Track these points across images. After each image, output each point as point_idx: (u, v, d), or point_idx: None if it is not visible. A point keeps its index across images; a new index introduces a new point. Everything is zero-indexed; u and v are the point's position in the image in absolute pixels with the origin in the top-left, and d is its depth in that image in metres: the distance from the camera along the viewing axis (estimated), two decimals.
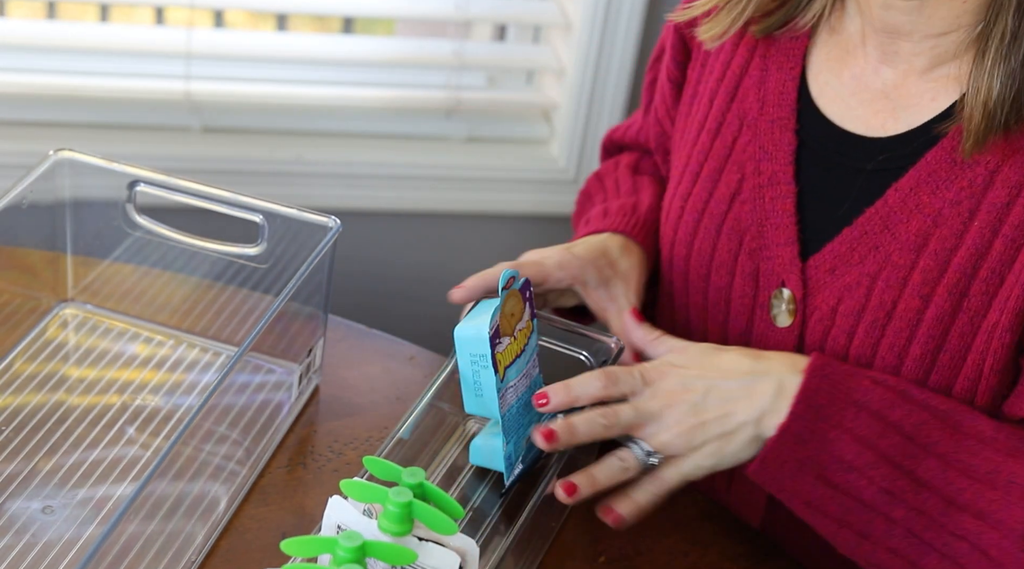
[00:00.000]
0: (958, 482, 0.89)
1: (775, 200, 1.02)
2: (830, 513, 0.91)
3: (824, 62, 1.02)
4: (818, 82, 1.02)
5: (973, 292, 0.93)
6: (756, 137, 1.04)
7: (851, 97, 1.00)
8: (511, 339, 0.93)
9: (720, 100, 1.07)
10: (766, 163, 1.03)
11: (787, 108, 1.02)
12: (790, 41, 1.03)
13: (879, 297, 0.96)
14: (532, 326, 0.96)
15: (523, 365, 0.95)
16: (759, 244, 1.03)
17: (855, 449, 0.89)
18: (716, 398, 0.92)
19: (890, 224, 0.96)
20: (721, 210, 1.05)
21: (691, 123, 1.10)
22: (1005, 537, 0.87)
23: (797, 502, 0.92)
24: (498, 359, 0.91)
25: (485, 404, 0.92)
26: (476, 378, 0.92)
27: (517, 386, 0.94)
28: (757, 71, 1.05)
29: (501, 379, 0.91)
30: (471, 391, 0.93)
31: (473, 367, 0.91)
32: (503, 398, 0.92)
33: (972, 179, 0.93)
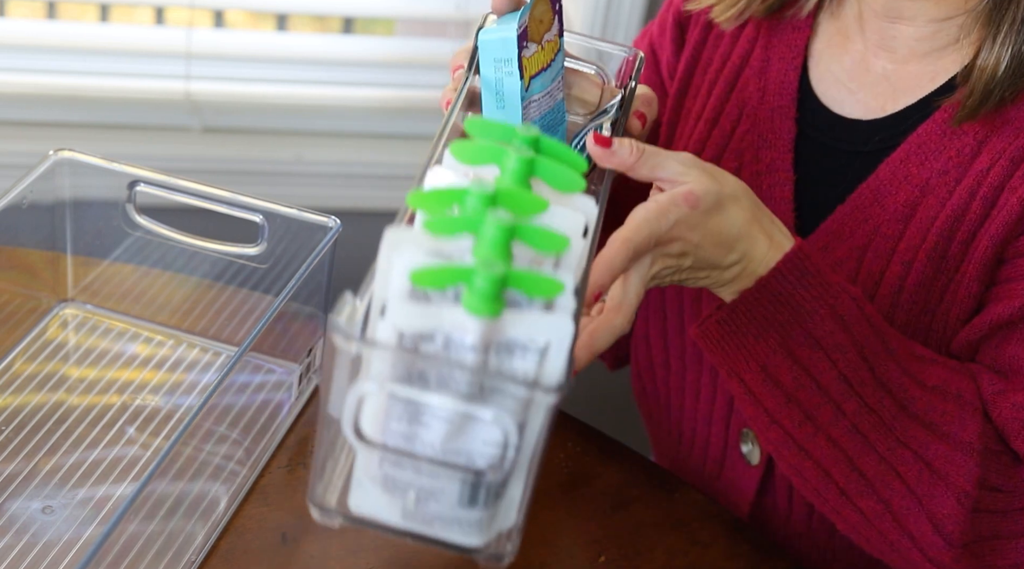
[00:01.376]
0: (912, 390, 0.89)
1: (773, 187, 1.02)
2: (782, 384, 0.89)
3: (825, 49, 1.03)
4: (819, 69, 1.03)
5: (951, 254, 0.94)
6: (755, 126, 1.04)
7: (851, 82, 1.01)
8: (539, 47, 0.87)
9: (719, 90, 1.07)
10: (765, 151, 1.03)
11: (787, 97, 1.03)
12: (792, 31, 1.04)
13: (868, 268, 0.97)
14: (559, 44, 0.90)
15: (548, 82, 0.89)
16: None
17: (830, 326, 0.87)
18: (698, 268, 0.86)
19: (880, 197, 0.97)
20: None
21: (684, 115, 1.10)
22: (956, 449, 0.88)
23: (752, 364, 0.89)
24: (524, 64, 0.85)
25: (507, 115, 0.86)
26: (499, 86, 0.85)
27: (541, 103, 0.89)
28: (759, 62, 1.05)
29: (526, 88, 0.86)
30: (492, 100, 0.86)
31: (497, 73, 0.85)
32: (526, 110, 0.87)
33: (960, 149, 0.94)
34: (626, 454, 1.07)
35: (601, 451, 1.06)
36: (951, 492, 0.88)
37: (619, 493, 1.03)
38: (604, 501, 1.01)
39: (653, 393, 1.17)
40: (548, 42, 0.88)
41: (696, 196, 0.83)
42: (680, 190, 0.83)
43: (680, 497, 1.03)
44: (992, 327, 0.92)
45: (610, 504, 1.01)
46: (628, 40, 1.64)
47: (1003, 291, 0.92)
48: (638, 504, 1.02)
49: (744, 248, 0.85)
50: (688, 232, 0.83)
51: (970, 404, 0.89)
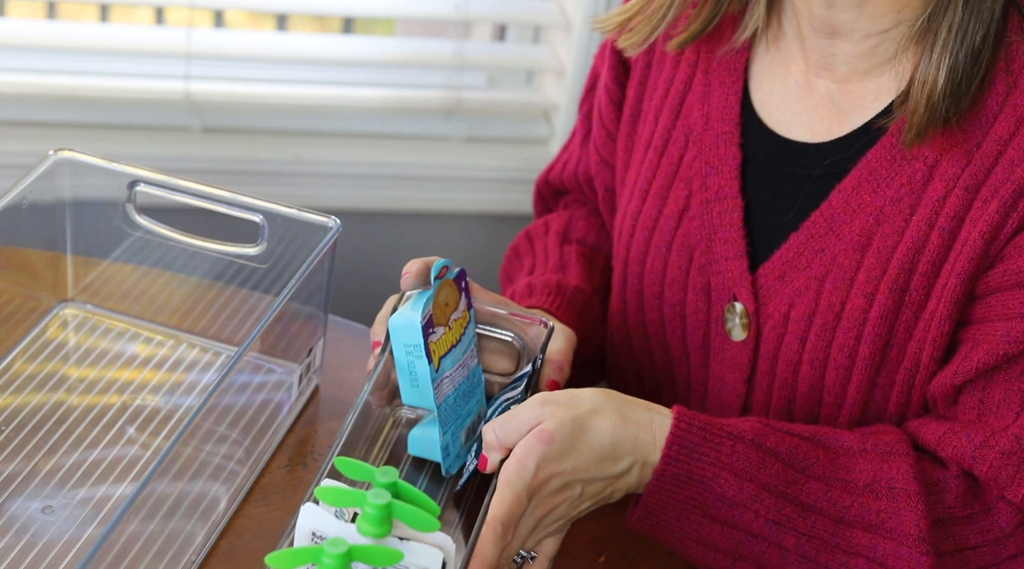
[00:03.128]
0: (842, 500, 0.88)
1: (722, 214, 1.02)
2: (722, 548, 0.90)
3: (767, 71, 1.02)
4: (762, 92, 1.02)
5: (913, 286, 0.93)
6: (702, 152, 1.03)
7: (795, 104, 1.00)
8: (446, 329, 0.93)
9: (665, 117, 1.06)
10: (712, 178, 1.02)
11: (731, 122, 1.02)
12: (730, 55, 1.03)
13: (827, 299, 0.96)
14: (469, 316, 0.95)
15: (459, 355, 0.94)
16: (708, 259, 1.02)
17: (736, 484, 0.87)
18: (591, 493, 0.87)
19: (835, 225, 0.96)
20: (671, 226, 1.05)
21: (637, 141, 1.10)
22: (901, 544, 0.87)
23: (688, 542, 0.90)
24: (432, 349, 0.91)
25: (421, 394, 0.92)
26: (411, 368, 0.92)
27: (453, 376, 0.94)
28: (700, 87, 1.04)
29: (436, 369, 0.91)
30: (407, 381, 0.93)
31: (408, 357, 0.91)
32: (438, 388, 0.92)
33: (912, 175, 0.93)
34: None
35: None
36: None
37: None
38: None
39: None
40: (456, 320, 0.94)
41: (549, 432, 0.84)
42: (532, 434, 0.85)
43: None
44: (976, 373, 0.90)
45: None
46: None
47: (980, 333, 0.91)
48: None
49: (627, 449, 0.86)
50: (557, 466, 0.84)
51: (903, 492, 0.88)
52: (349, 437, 0.91)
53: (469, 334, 0.96)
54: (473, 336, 0.96)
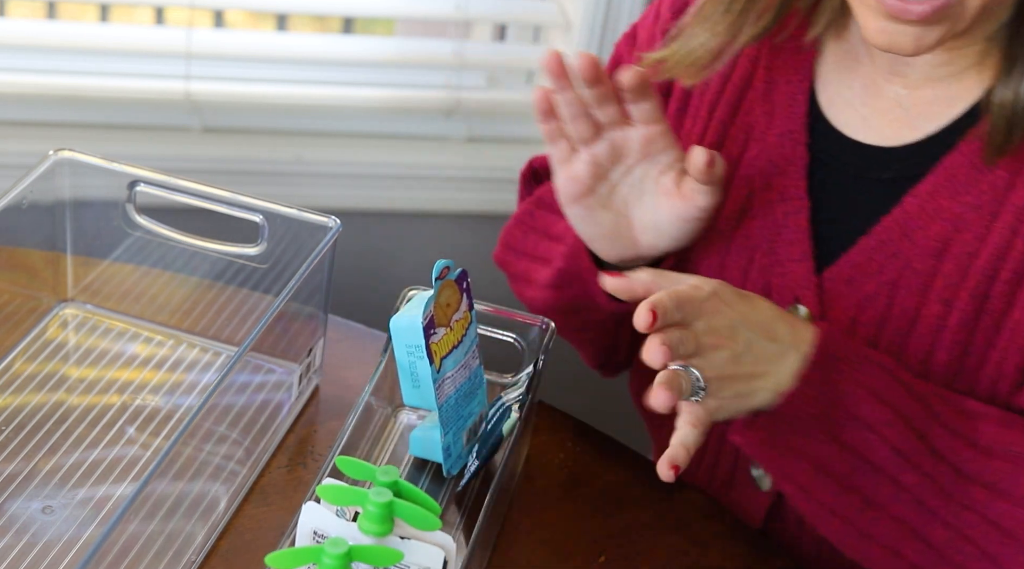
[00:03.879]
0: (964, 452, 0.87)
1: (787, 215, 0.99)
2: (837, 474, 0.88)
3: (833, 71, 1.00)
4: (828, 92, 1.00)
5: (995, 294, 0.91)
6: (764, 151, 1.01)
7: (863, 107, 0.98)
8: (447, 329, 0.92)
9: (721, 113, 1.04)
10: (776, 178, 1.00)
11: (797, 121, 1.00)
12: (797, 52, 1.01)
13: (901, 304, 0.94)
14: (470, 317, 0.95)
15: (461, 356, 0.94)
16: (771, 260, 1.00)
17: (872, 404, 0.86)
18: (753, 355, 0.86)
19: (908, 231, 0.94)
20: (730, 226, 1.02)
21: (683, 136, 1.07)
22: (1017, 505, 0.86)
23: (800, 462, 0.88)
24: (433, 349, 0.91)
25: (423, 395, 0.92)
26: (413, 369, 0.92)
27: (455, 377, 0.94)
28: (762, 83, 1.02)
29: (437, 370, 0.91)
30: (409, 382, 0.93)
31: (409, 358, 0.91)
32: (440, 389, 0.92)
33: (993, 182, 0.91)
34: (626, 454, 1.07)
35: (601, 451, 1.06)
36: (1022, 548, 0.86)
37: (619, 493, 1.03)
38: (604, 501, 1.01)
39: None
40: (457, 321, 0.94)
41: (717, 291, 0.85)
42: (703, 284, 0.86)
43: (680, 497, 1.03)
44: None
45: (610, 504, 1.01)
46: None
47: None
48: (638, 504, 1.02)
49: (786, 330, 0.86)
50: (729, 305, 0.84)
51: (1021, 457, 0.87)
52: (350, 437, 0.91)
53: (471, 335, 0.96)
54: (475, 337, 0.96)
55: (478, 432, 0.97)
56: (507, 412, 0.96)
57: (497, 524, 0.96)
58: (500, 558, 0.95)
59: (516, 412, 0.96)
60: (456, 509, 0.97)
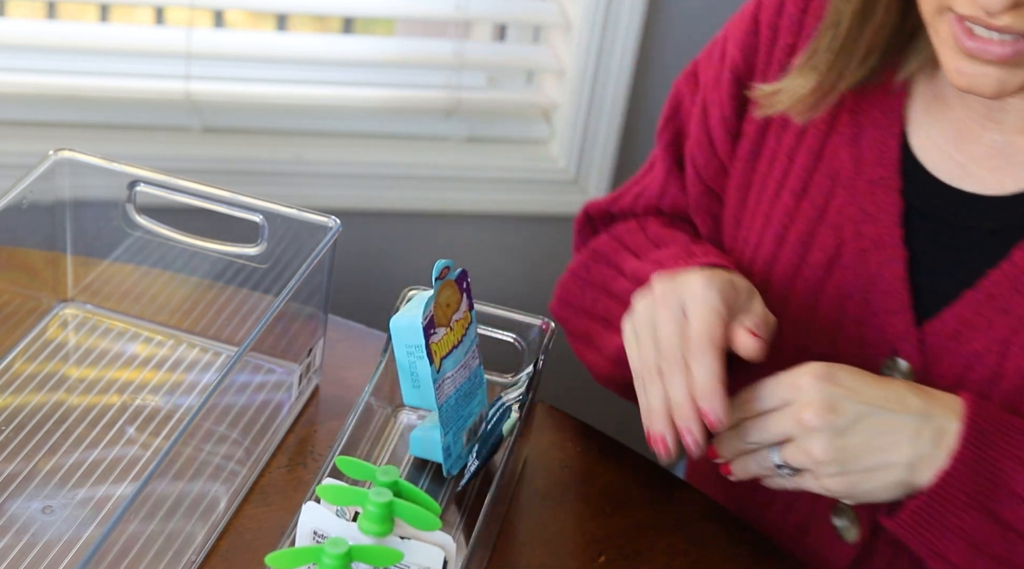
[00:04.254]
0: None
1: (882, 264, 0.95)
2: (994, 553, 0.84)
3: (924, 115, 0.96)
4: (920, 137, 0.95)
5: None
6: (855, 198, 0.96)
7: (958, 153, 0.94)
8: (447, 329, 0.93)
9: (804, 158, 0.99)
10: (868, 226, 0.96)
11: (890, 167, 0.95)
12: (885, 95, 0.96)
13: (1015, 363, 0.89)
14: (470, 317, 0.95)
15: (461, 356, 0.94)
16: (865, 312, 0.96)
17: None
18: (868, 426, 0.83)
19: (1020, 286, 0.89)
20: (818, 276, 0.98)
21: (756, 179, 1.03)
22: None
23: (956, 544, 0.84)
24: (433, 349, 0.91)
25: (423, 395, 0.93)
26: (413, 369, 0.92)
27: (455, 377, 0.94)
28: (847, 127, 0.97)
29: (437, 370, 0.91)
30: (408, 382, 0.93)
31: (409, 358, 0.91)
32: (440, 389, 0.92)
33: None
34: (626, 454, 1.07)
35: (601, 451, 1.06)
36: None
37: (619, 493, 1.03)
38: (604, 501, 1.01)
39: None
40: (457, 321, 0.94)
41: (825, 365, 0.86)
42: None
43: (680, 497, 1.03)
44: None
45: (610, 504, 1.01)
46: (627, 43, 1.64)
47: None
48: (638, 504, 1.02)
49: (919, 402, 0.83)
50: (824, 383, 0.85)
51: None
52: (350, 437, 0.91)
53: (471, 335, 0.96)
54: (475, 337, 0.96)
55: (478, 432, 0.97)
56: (507, 412, 0.96)
57: (497, 524, 0.96)
58: (500, 558, 0.95)
59: (516, 412, 0.96)
60: (456, 509, 0.97)
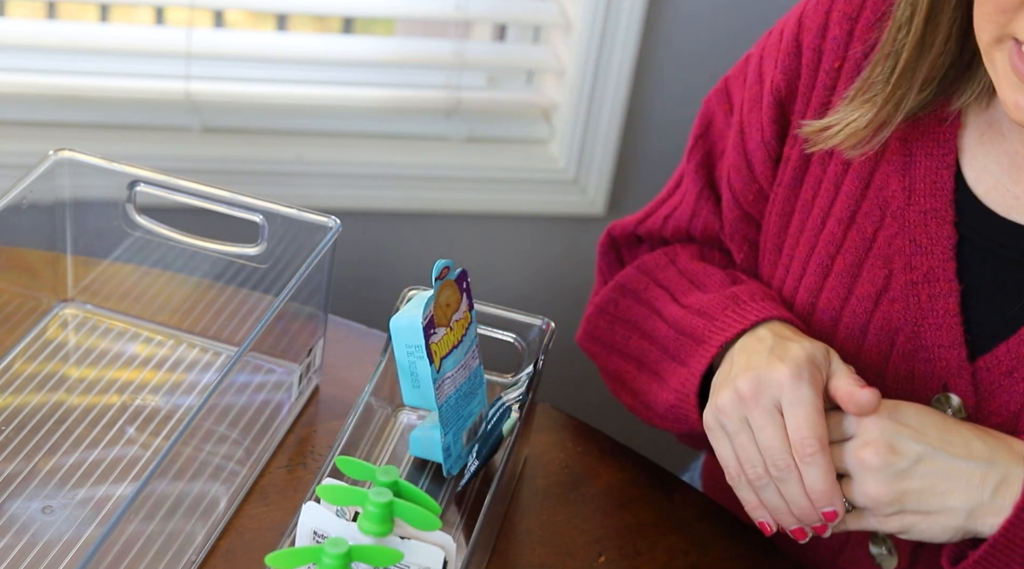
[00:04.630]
0: None
1: (934, 298, 0.93)
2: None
3: (978, 145, 0.94)
4: (974, 168, 0.93)
5: None
6: (905, 229, 0.94)
7: (1014, 185, 0.92)
8: (447, 329, 0.93)
9: (851, 186, 0.97)
10: (920, 258, 0.94)
11: (943, 198, 0.93)
12: (938, 124, 0.94)
13: None
14: (470, 317, 0.96)
15: (461, 356, 0.95)
16: (915, 345, 0.94)
17: None
18: (929, 470, 0.82)
19: None
20: (866, 308, 0.96)
21: (801, 206, 1.01)
22: None
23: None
24: (433, 349, 0.91)
25: (423, 395, 0.93)
26: (413, 369, 0.92)
27: (455, 377, 0.94)
28: (898, 157, 0.95)
29: (437, 370, 0.92)
30: (408, 382, 0.93)
31: (409, 358, 0.92)
32: (440, 389, 0.92)
33: None
34: (626, 454, 1.07)
35: (601, 451, 1.06)
36: None
37: (619, 493, 1.03)
38: (604, 501, 1.01)
39: None
40: (457, 321, 0.94)
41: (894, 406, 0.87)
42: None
43: (680, 497, 1.03)
44: None
45: (610, 504, 1.01)
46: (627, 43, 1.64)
47: None
48: (638, 504, 1.02)
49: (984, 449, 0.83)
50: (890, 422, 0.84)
51: None
52: (350, 437, 0.91)
53: (471, 335, 0.96)
54: (475, 337, 0.96)
55: (478, 432, 0.97)
56: (507, 412, 0.96)
57: (497, 524, 0.96)
58: (500, 558, 0.95)
59: (516, 412, 0.96)
60: (456, 509, 0.97)
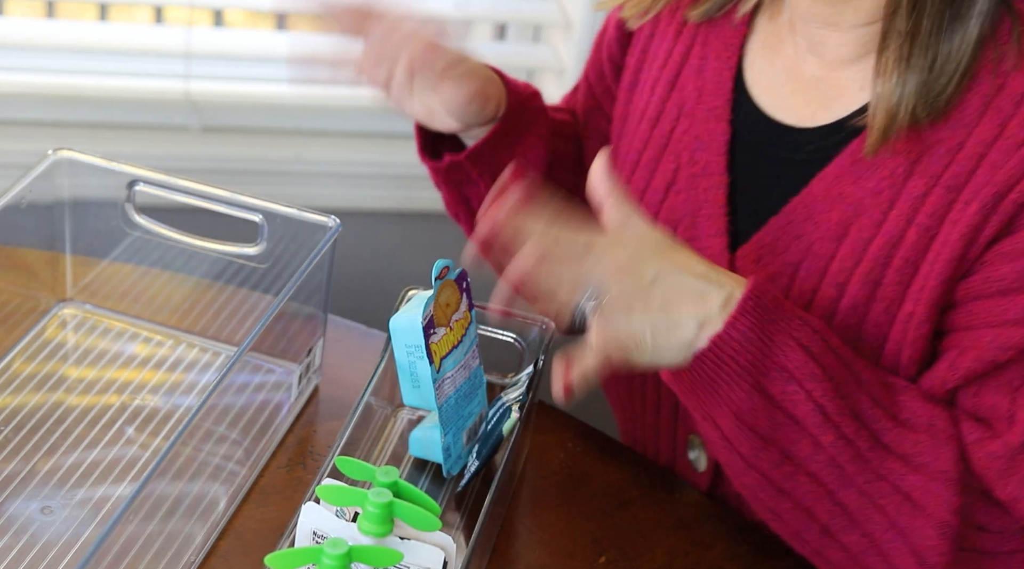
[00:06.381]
0: (884, 421, 0.87)
1: (708, 190, 1.01)
2: (758, 427, 0.86)
3: (759, 51, 1.02)
4: (753, 71, 1.02)
5: (887, 281, 0.92)
6: (692, 126, 1.03)
7: (783, 87, 1.00)
8: (447, 329, 0.93)
9: (660, 89, 1.06)
10: (701, 153, 1.02)
11: (723, 98, 1.02)
12: (729, 30, 1.03)
13: (799, 287, 0.95)
14: (470, 317, 0.95)
15: (461, 356, 0.94)
16: (691, 235, 1.01)
17: (800, 357, 0.84)
18: (665, 287, 0.84)
19: (813, 213, 0.95)
20: (657, 199, 1.05)
21: (631, 111, 1.10)
22: (932, 479, 0.86)
23: (724, 413, 0.86)
24: (433, 349, 0.91)
25: (423, 395, 0.92)
26: (412, 369, 0.92)
27: (455, 377, 0.94)
28: (697, 60, 1.04)
29: (437, 370, 0.91)
30: (408, 382, 0.93)
31: (409, 358, 0.91)
32: (440, 389, 0.92)
33: (893, 169, 0.91)
34: (626, 454, 1.07)
35: (601, 451, 1.06)
36: (931, 523, 0.86)
37: (619, 493, 1.02)
38: (604, 501, 1.01)
39: (611, 398, 1.19)
40: (457, 321, 0.94)
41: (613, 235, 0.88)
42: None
43: (680, 497, 1.03)
44: (965, 379, 0.89)
45: (610, 504, 1.01)
46: None
47: (966, 340, 0.89)
48: (638, 504, 1.02)
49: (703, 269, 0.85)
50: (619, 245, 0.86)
51: (943, 432, 0.87)
52: (350, 437, 0.91)
53: (470, 335, 0.95)
54: (474, 337, 0.96)
55: (478, 432, 0.97)
56: (507, 412, 0.96)
57: (497, 524, 0.96)
58: (500, 558, 0.95)
59: (516, 412, 0.96)
60: (456, 509, 0.96)
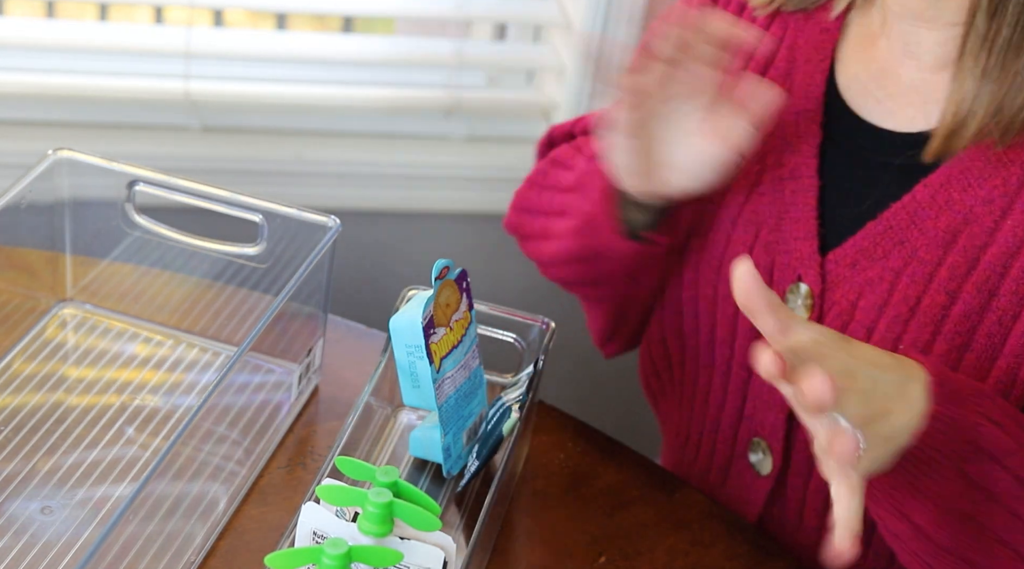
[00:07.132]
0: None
1: (796, 193, 0.99)
2: (959, 510, 0.83)
3: (852, 54, 1.00)
4: (846, 74, 1.00)
5: (1003, 291, 0.90)
6: (780, 128, 1.01)
7: (878, 90, 0.98)
8: (447, 329, 0.93)
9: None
10: (788, 155, 1.00)
11: (813, 100, 1.00)
12: (820, 33, 1.02)
13: (903, 292, 0.93)
14: (470, 317, 0.95)
15: (461, 356, 0.94)
16: (776, 237, 1.00)
17: (996, 435, 0.82)
18: (881, 391, 0.78)
19: (917, 220, 0.93)
20: (738, 201, 1.03)
21: None
22: None
23: (927, 505, 0.83)
24: (433, 349, 0.91)
25: (423, 395, 0.92)
26: (412, 369, 0.92)
27: (455, 377, 0.94)
28: (784, 63, 1.03)
29: (437, 370, 0.91)
30: (408, 382, 0.93)
31: (409, 358, 0.91)
32: (440, 389, 0.92)
33: (1006, 178, 0.90)
34: (626, 454, 1.07)
35: (601, 451, 1.06)
36: None
37: (619, 493, 1.02)
38: (604, 501, 1.01)
39: (662, 393, 1.16)
40: (457, 321, 0.94)
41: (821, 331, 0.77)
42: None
43: (680, 497, 1.03)
44: None
45: (610, 504, 1.01)
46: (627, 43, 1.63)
47: None
48: (638, 504, 1.02)
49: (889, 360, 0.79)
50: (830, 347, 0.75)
51: None
52: (350, 437, 0.91)
53: (470, 335, 0.95)
54: (474, 337, 0.96)
55: (478, 432, 0.97)
56: (507, 412, 0.96)
57: (497, 524, 0.96)
58: (500, 558, 0.95)
59: (516, 412, 0.96)
60: (456, 509, 0.96)
